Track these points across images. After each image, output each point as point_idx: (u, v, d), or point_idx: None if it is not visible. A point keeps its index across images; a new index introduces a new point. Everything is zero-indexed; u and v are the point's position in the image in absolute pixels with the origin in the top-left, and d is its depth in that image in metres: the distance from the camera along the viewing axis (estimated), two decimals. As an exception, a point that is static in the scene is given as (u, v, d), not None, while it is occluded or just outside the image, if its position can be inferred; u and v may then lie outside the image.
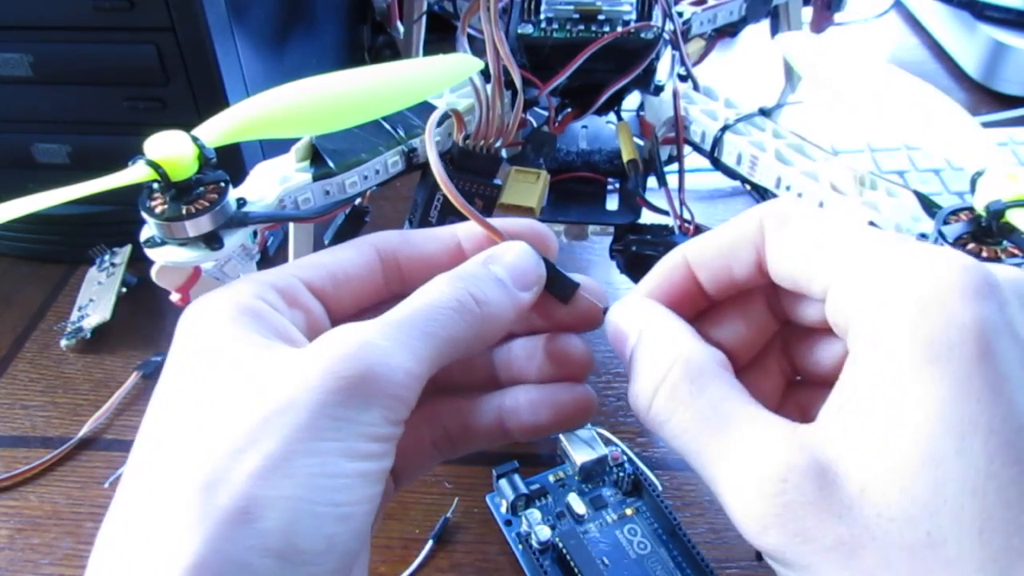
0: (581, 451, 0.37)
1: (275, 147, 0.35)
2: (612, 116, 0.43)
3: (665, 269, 0.24)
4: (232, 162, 0.45)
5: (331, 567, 0.19)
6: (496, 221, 0.26)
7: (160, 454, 0.20)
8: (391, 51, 0.68)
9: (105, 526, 0.20)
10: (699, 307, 0.24)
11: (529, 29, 0.37)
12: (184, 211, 0.29)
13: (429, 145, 0.27)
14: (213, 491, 0.18)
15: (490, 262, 0.24)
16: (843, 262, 0.20)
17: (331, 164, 0.34)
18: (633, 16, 0.37)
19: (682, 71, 0.39)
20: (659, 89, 0.39)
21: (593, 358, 0.26)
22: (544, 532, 0.35)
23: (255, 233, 0.33)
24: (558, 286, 0.25)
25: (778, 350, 0.25)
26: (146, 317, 0.50)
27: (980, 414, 0.17)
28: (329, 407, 0.19)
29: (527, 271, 0.24)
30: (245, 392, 0.20)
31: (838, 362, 0.21)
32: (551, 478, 0.38)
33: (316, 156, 0.35)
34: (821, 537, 0.17)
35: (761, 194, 0.36)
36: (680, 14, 0.42)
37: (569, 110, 0.40)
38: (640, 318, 0.23)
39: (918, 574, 0.17)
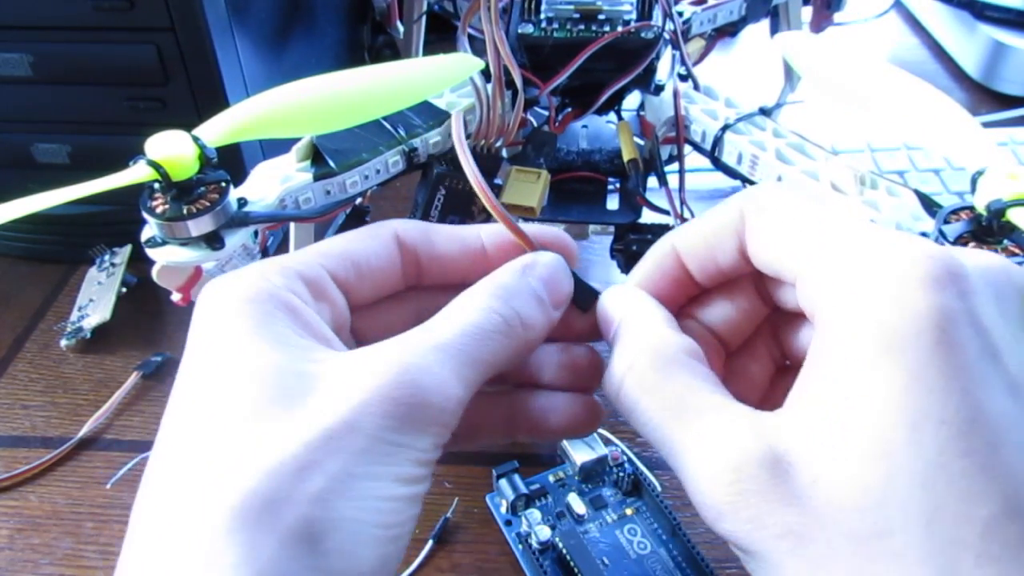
0: (581, 451, 0.37)
1: (275, 147, 0.35)
2: (612, 116, 0.43)
3: (654, 258, 0.24)
4: (233, 162, 0.45)
5: None
6: (526, 227, 0.25)
7: (206, 464, 0.19)
8: (391, 51, 0.68)
9: (138, 534, 0.19)
10: (689, 294, 0.25)
11: (529, 29, 0.37)
12: (185, 211, 0.29)
13: (459, 146, 0.26)
14: (275, 510, 0.18)
15: (528, 274, 0.24)
16: (813, 249, 0.20)
17: (332, 164, 0.34)
18: (633, 16, 0.37)
19: (682, 71, 0.39)
20: (659, 89, 0.39)
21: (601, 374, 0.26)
22: (544, 532, 0.35)
23: (256, 233, 0.33)
24: (580, 295, 0.25)
25: (767, 335, 0.25)
26: (146, 317, 0.50)
27: (932, 405, 0.17)
28: (387, 432, 0.19)
29: (560, 286, 0.24)
30: (300, 405, 0.19)
31: None
32: (551, 478, 0.38)
33: (317, 156, 0.35)
34: (772, 525, 0.18)
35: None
36: (680, 14, 0.42)
37: (569, 110, 0.40)
38: (623, 306, 0.23)
39: (864, 564, 0.17)
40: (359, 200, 0.37)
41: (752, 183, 0.36)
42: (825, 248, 0.20)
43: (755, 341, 0.25)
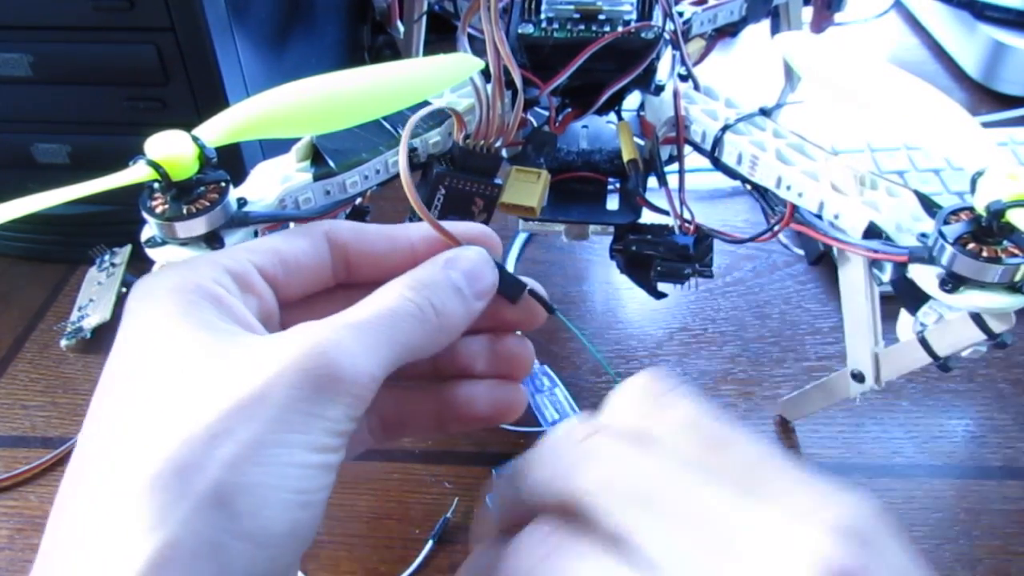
0: (581, 451, 0.37)
1: (275, 147, 0.35)
2: (612, 116, 0.43)
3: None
4: (232, 162, 0.45)
5: (292, 549, 0.20)
6: (449, 225, 0.26)
7: (123, 436, 0.20)
8: (391, 51, 0.68)
9: (59, 509, 0.20)
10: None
11: (529, 29, 0.37)
12: (185, 211, 0.29)
13: (402, 148, 0.27)
14: (188, 476, 0.19)
15: (449, 267, 0.25)
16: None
17: (332, 164, 0.34)
18: (634, 16, 0.37)
19: (682, 71, 0.39)
20: (659, 89, 0.39)
21: (531, 363, 0.28)
22: (544, 532, 0.34)
23: (256, 233, 0.33)
24: (507, 287, 0.26)
25: None
26: (146, 317, 0.50)
27: None
28: (299, 401, 0.20)
29: (483, 279, 0.26)
30: (216, 378, 0.21)
31: None
32: (551, 478, 0.38)
33: (317, 156, 0.35)
34: None
35: (762, 194, 0.36)
36: (680, 14, 0.42)
37: (570, 110, 0.40)
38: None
39: None
40: (359, 200, 0.37)
41: (752, 183, 0.36)
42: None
43: None
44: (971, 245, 0.28)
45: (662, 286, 0.40)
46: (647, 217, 0.39)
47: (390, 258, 0.27)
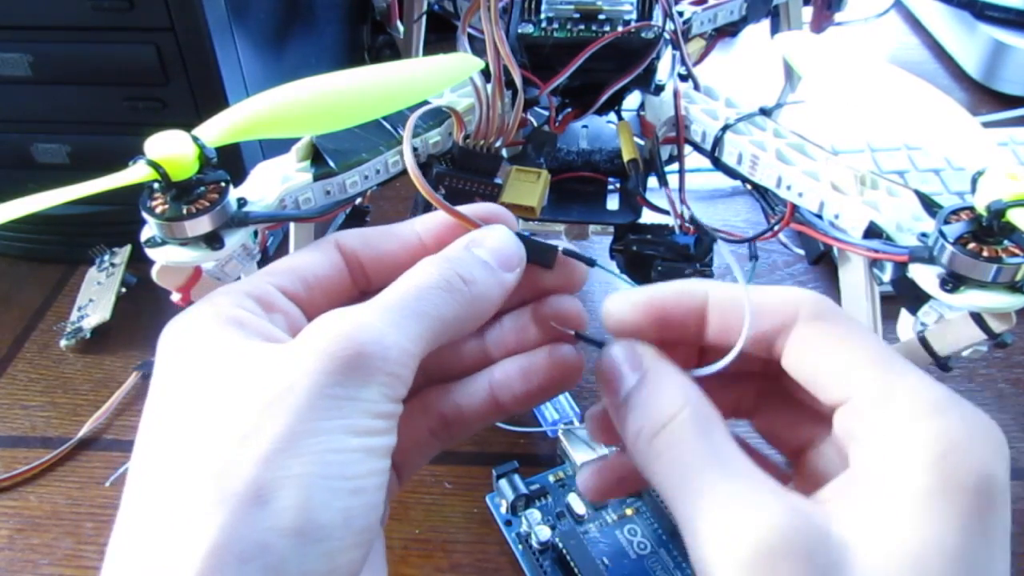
0: (581, 451, 0.37)
1: (275, 147, 0.35)
2: (613, 116, 0.43)
3: (680, 298, 0.24)
4: (232, 162, 0.45)
5: (349, 543, 0.20)
6: (463, 208, 0.26)
7: (166, 451, 0.20)
8: (391, 51, 0.68)
9: (119, 525, 0.20)
10: (689, 348, 0.25)
11: (529, 29, 0.37)
12: (185, 211, 0.29)
13: (406, 142, 0.27)
14: (224, 478, 0.19)
15: (473, 246, 0.25)
16: (866, 384, 0.21)
17: (332, 164, 0.34)
18: (634, 16, 0.37)
19: (683, 71, 0.39)
20: (660, 89, 0.39)
21: (585, 313, 0.27)
22: (544, 532, 0.35)
23: (256, 233, 0.33)
24: (538, 255, 0.26)
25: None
26: (146, 317, 0.50)
27: (966, 553, 0.18)
28: (327, 387, 0.20)
29: (510, 252, 0.25)
30: (243, 383, 0.20)
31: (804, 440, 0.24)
32: (551, 478, 0.38)
33: (317, 156, 0.35)
34: None
35: (762, 194, 0.36)
36: (680, 14, 0.42)
37: (570, 109, 0.40)
38: (643, 361, 0.23)
39: None
40: (359, 200, 0.37)
41: (752, 183, 0.36)
42: (881, 389, 0.21)
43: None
44: (971, 245, 0.28)
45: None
46: (647, 217, 0.39)
47: (401, 256, 0.26)
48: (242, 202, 0.31)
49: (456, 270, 0.23)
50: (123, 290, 0.50)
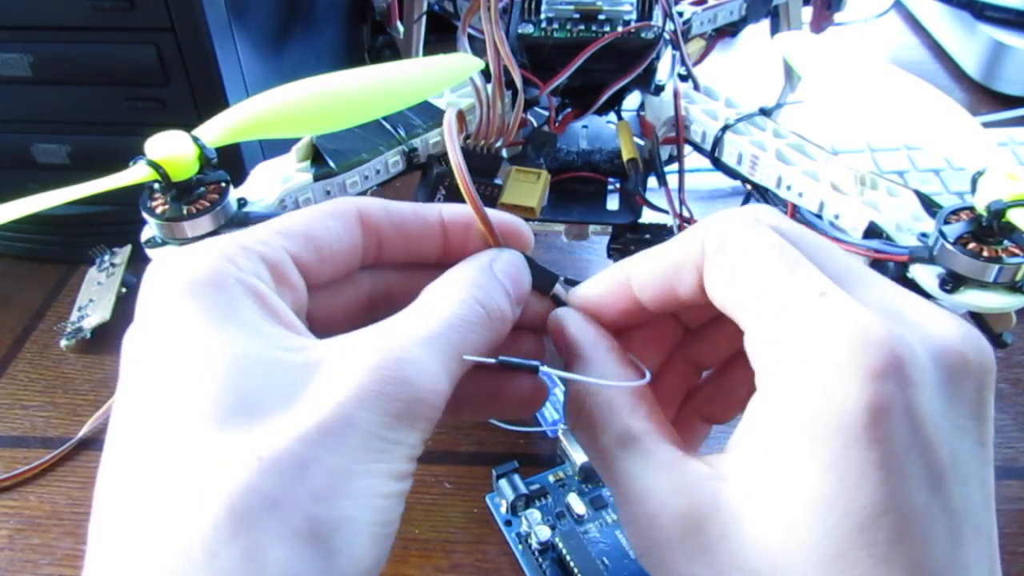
0: (581, 451, 0.37)
1: (275, 147, 0.35)
2: (612, 116, 0.43)
3: (606, 286, 0.24)
4: (233, 162, 0.45)
5: None
6: (491, 215, 0.25)
7: (189, 461, 0.17)
8: (391, 51, 0.68)
9: (107, 544, 0.17)
10: (635, 318, 0.25)
11: (529, 29, 0.37)
12: (185, 211, 0.29)
13: (449, 143, 0.26)
14: (281, 508, 0.17)
15: (494, 268, 0.24)
16: (764, 307, 0.20)
17: (332, 164, 0.34)
18: (633, 16, 0.37)
19: (682, 71, 0.39)
20: (660, 89, 0.39)
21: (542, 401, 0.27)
22: (544, 532, 0.35)
23: (255, 233, 0.33)
24: (540, 280, 0.26)
25: (680, 348, 0.26)
26: (146, 317, 0.50)
27: (842, 495, 0.17)
28: (382, 428, 0.19)
29: (522, 282, 0.25)
30: (291, 400, 0.18)
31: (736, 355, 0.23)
32: (551, 478, 0.38)
33: (317, 156, 0.35)
34: (681, 573, 0.19)
35: (762, 194, 0.36)
36: (680, 14, 0.42)
37: (570, 110, 0.40)
38: (573, 335, 0.24)
39: None
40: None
41: (752, 183, 0.36)
42: (777, 310, 0.20)
43: (673, 357, 0.26)
44: (971, 245, 0.28)
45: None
46: (647, 217, 0.39)
47: (422, 239, 0.25)
48: (242, 202, 0.31)
49: (494, 302, 0.23)
50: (123, 290, 0.50)
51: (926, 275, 0.29)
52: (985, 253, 0.28)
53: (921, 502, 0.17)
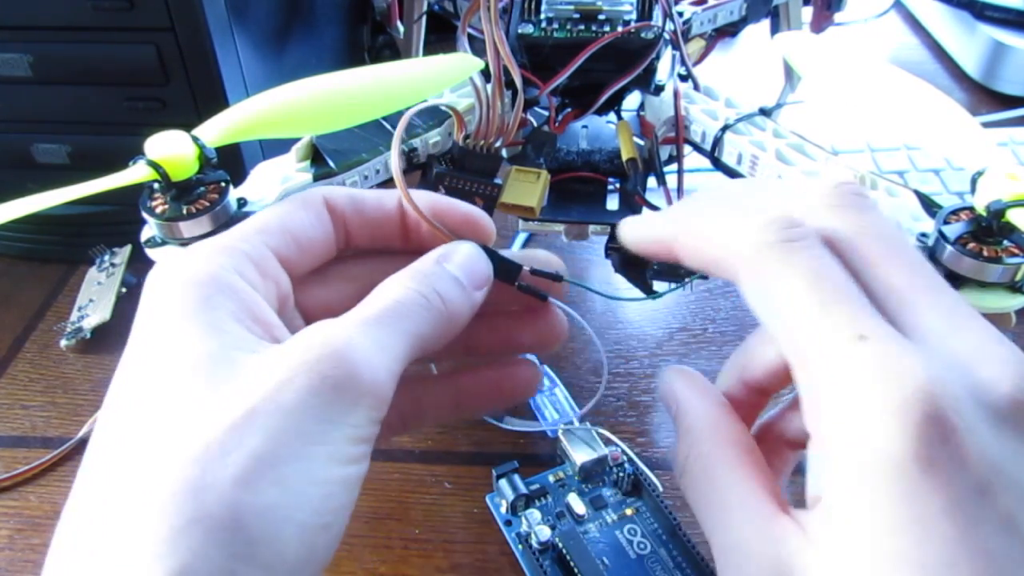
0: (581, 451, 0.37)
1: (275, 147, 0.35)
2: (612, 116, 0.43)
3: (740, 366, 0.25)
4: (232, 162, 0.45)
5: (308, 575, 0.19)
6: (441, 206, 0.27)
7: (133, 450, 0.19)
8: (391, 51, 0.68)
9: (67, 524, 0.19)
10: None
11: (529, 29, 0.37)
12: (185, 211, 0.29)
13: (395, 147, 0.27)
14: (201, 496, 0.17)
15: (444, 261, 0.25)
16: (798, 349, 0.19)
17: (332, 164, 0.34)
18: (633, 16, 0.37)
19: (682, 71, 0.39)
20: (659, 89, 0.39)
21: (566, 331, 0.28)
22: (544, 532, 0.35)
23: (255, 233, 0.33)
24: (502, 271, 0.27)
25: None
26: (146, 317, 0.50)
27: (907, 550, 0.17)
28: (316, 408, 0.19)
29: (478, 270, 0.25)
30: (225, 390, 0.19)
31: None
32: (551, 478, 0.38)
33: (317, 156, 0.35)
34: None
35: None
36: (680, 14, 0.42)
37: (569, 110, 0.40)
38: (679, 393, 0.24)
39: None
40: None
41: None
42: (812, 356, 0.19)
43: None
44: (971, 245, 0.28)
45: (657, 284, 0.40)
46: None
47: (385, 225, 0.26)
48: (242, 202, 0.31)
49: (435, 287, 0.23)
50: (123, 290, 0.50)
51: (926, 275, 0.29)
52: (985, 253, 0.28)
53: (994, 545, 0.17)
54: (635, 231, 0.25)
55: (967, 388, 0.18)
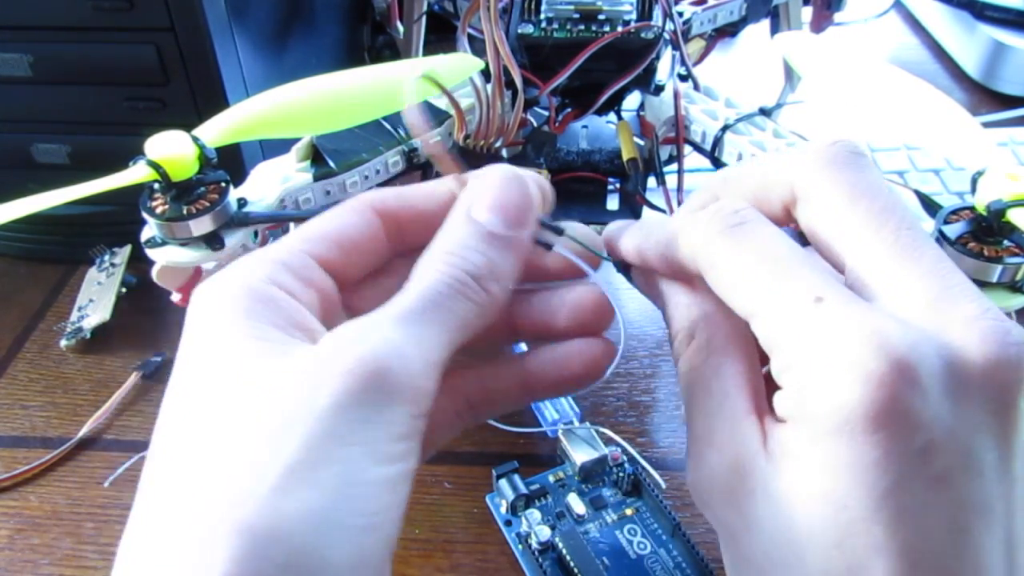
0: (581, 451, 0.37)
1: (275, 147, 0.35)
2: (612, 116, 0.43)
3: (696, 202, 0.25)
4: (232, 162, 0.45)
5: None
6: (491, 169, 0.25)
7: (178, 468, 0.19)
8: (391, 51, 0.68)
9: (128, 540, 0.19)
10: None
11: (529, 29, 0.37)
12: (185, 211, 0.29)
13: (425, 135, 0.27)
14: (239, 507, 0.17)
15: (472, 211, 0.23)
16: (757, 313, 0.21)
17: (332, 164, 0.34)
18: (633, 16, 0.37)
19: (682, 71, 0.39)
20: (659, 89, 0.39)
21: (613, 310, 0.27)
22: (544, 532, 0.35)
23: (256, 233, 0.33)
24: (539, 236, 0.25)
25: None
26: (146, 317, 0.50)
27: (837, 492, 0.18)
28: (349, 409, 0.19)
29: (512, 203, 0.23)
30: (260, 399, 0.19)
31: None
32: (551, 478, 0.38)
33: (317, 156, 0.35)
34: (723, 521, 0.22)
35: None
36: (680, 14, 0.42)
37: (569, 110, 0.40)
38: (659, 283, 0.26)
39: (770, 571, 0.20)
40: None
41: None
42: (771, 319, 0.20)
43: None
44: (972, 245, 0.28)
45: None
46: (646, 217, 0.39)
47: (437, 217, 0.24)
48: (242, 202, 0.31)
49: (462, 266, 0.22)
50: (123, 290, 0.50)
51: (926, 275, 0.29)
52: (985, 253, 0.28)
53: (919, 497, 0.18)
54: (625, 245, 0.26)
55: (937, 351, 0.18)
